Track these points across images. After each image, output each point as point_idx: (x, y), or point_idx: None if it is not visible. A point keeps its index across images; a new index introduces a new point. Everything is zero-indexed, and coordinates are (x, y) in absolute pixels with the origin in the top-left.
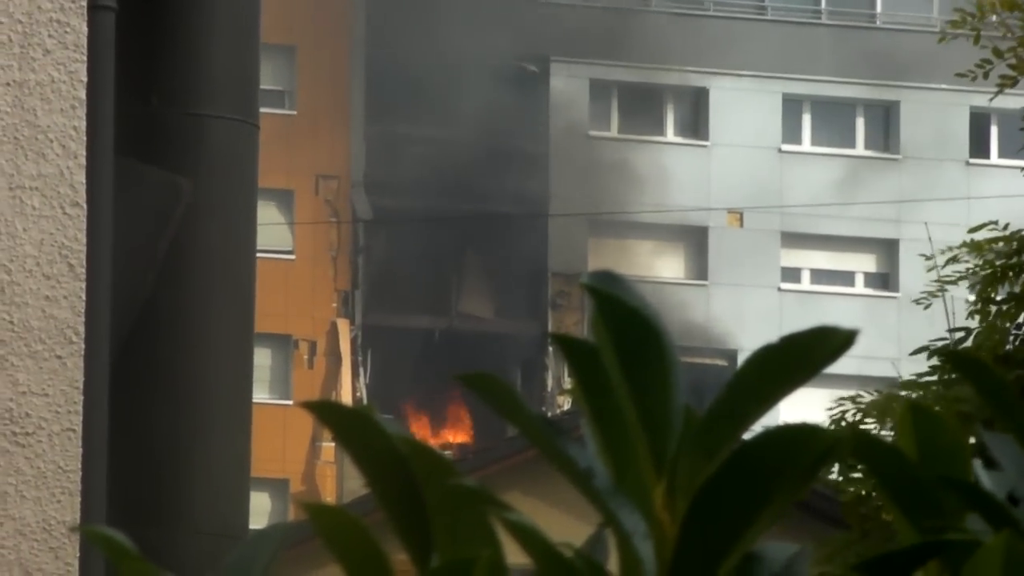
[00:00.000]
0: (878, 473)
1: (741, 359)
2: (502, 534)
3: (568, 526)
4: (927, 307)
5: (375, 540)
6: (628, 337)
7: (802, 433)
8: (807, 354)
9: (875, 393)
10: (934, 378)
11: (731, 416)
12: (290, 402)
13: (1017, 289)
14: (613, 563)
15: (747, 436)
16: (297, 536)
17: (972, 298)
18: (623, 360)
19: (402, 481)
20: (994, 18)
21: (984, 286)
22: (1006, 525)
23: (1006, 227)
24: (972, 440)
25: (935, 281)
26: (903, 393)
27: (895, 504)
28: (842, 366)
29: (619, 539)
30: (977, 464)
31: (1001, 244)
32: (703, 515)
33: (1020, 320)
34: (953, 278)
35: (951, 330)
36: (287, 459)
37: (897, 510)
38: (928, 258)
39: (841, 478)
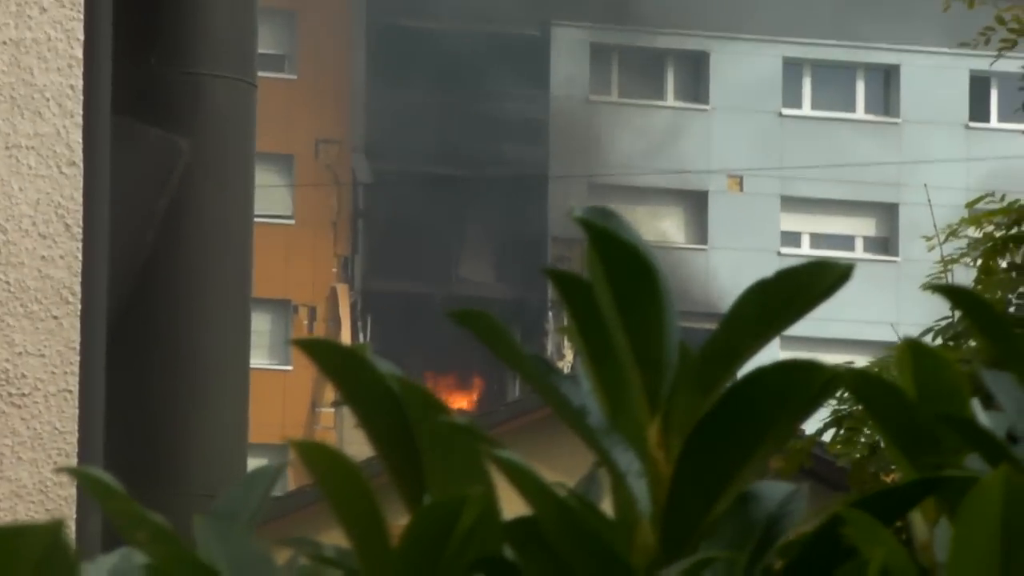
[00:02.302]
0: (876, 411)
1: None
2: (496, 475)
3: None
4: (933, 291)
5: (363, 476)
6: (622, 272)
7: (799, 368)
8: (803, 288)
9: (870, 359)
10: (929, 342)
11: (726, 352)
12: (289, 367)
13: (1018, 260)
14: (607, 503)
15: (742, 372)
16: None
17: (971, 261)
18: (617, 296)
19: (394, 420)
20: None
21: (985, 259)
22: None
23: (1002, 198)
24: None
25: (937, 262)
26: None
27: (893, 443)
28: (842, 330)
29: (613, 478)
30: (976, 404)
31: (999, 216)
32: (698, 453)
33: (1021, 290)
34: (955, 256)
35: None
36: (286, 425)
37: (895, 449)
38: (928, 239)
39: (839, 445)
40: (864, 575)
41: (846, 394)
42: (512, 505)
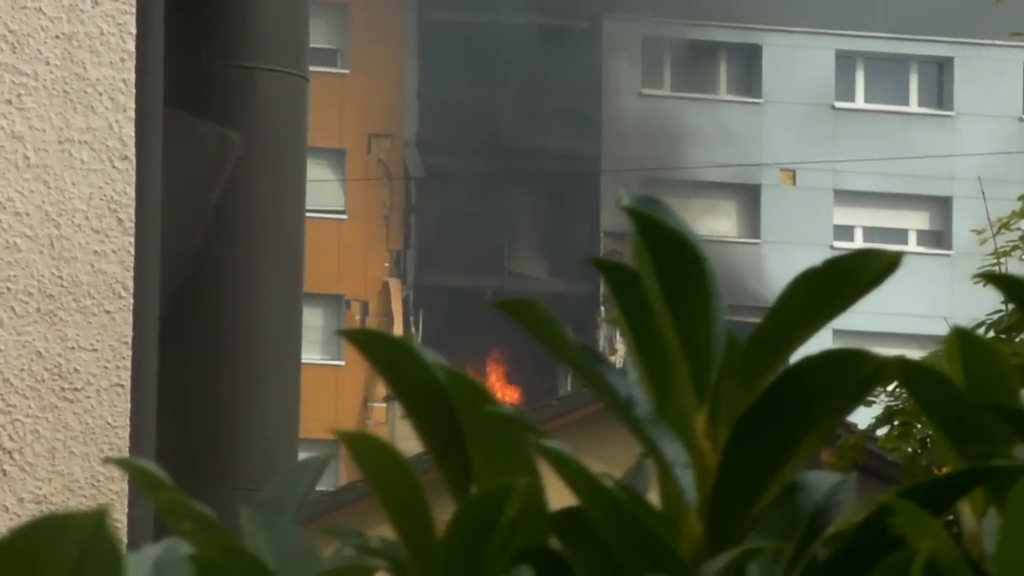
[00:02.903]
0: (924, 400)
1: None
2: (542, 466)
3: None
4: (985, 284)
5: (411, 467)
6: (670, 261)
7: (846, 357)
8: (851, 277)
9: (923, 353)
10: (984, 335)
11: (773, 342)
12: (342, 363)
13: None
14: (654, 494)
15: (790, 362)
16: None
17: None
18: (664, 285)
19: (441, 410)
20: None
21: None
22: None
23: None
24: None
25: (990, 255)
26: None
27: (942, 432)
28: (895, 324)
29: (660, 469)
30: None
31: None
32: (745, 443)
33: None
34: (1007, 248)
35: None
36: (338, 420)
37: (944, 439)
38: (979, 232)
39: (892, 440)
40: (911, 565)
41: (898, 389)
42: (558, 496)
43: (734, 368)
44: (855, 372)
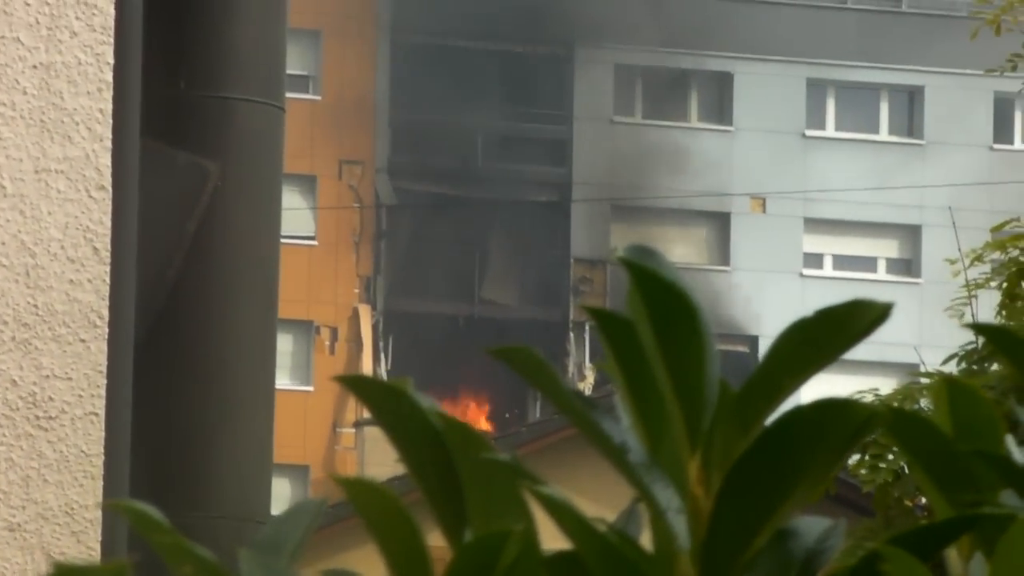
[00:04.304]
0: (912, 448)
1: (763, 345)
2: (535, 509)
3: (588, 513)
4: (961, 316)
5: (409, 513)
6: (664, 311)
7: (837, 407)
8: (842, 327)
9: (894, 382)
10: (954, 368)
11: (766, 390)
12: (311, 388)
13: None
14: (646, 538)
15: (781, 410)
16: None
17: (995, 286)
18: (658, 334)
19: (436, 455)
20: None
21: (1010, 283)
22: None
23: None
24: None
25: (963, 287)
26: (922, 381)
27: (929, 479)
28: (863, 352)
29: (653, 514)
30: (1010, 440)
31: None
32: (738, 490)
33: None
34: (981, 281)
35: (970, 326)
36: (307, 446)
37: (931, 485)
38: (953, 262)
39: (864, 470)
40: None
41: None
42: (548, 536)
43: (727, 416)
44: (847, 420)
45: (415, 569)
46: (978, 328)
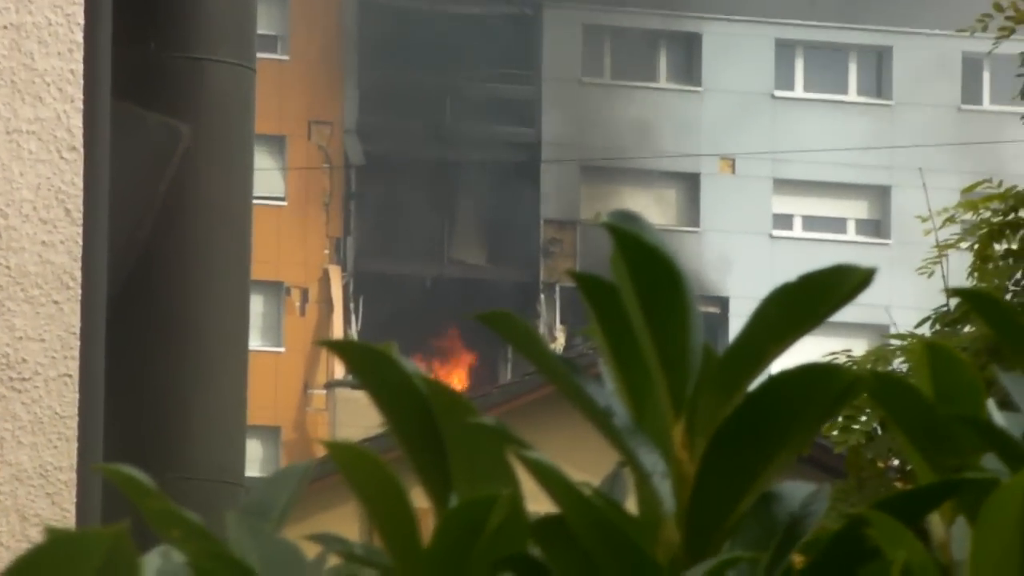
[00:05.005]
0: (895, 412)
1: (733, 306)
2: (520, 473)
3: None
4: (930, 275)
5: (397, 477)
6: (648, 276)
7: (821, 372)
8: (825, 292)
9: (866, 343)
10: (925, 329)
11: (749, 355)
12: (282, 349)
13: (1014, 246)
14: (631, 502)
15: (765, 375)
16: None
17: (966, 245)
18: (642, 299)
19: (421, 419)
20: None
21: (981, 244)
22: (1023, 464)
23: (1000, 184)
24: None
25: (934, 247)
26: (894, 343)
27: (912, 444)
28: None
29: (638, 478)
30: (991, 404)
31: (996, 201)
32: (722, 454)
33: (1017, 276)
34: (951, 241)
35: (948, 292)
36: (279, 407)
37: (913, 450)
38: (924, 219)
39: (836, 432)
40: (887, 575)
41: None
42: (533, 500)
43: (711, 381)
44: (829, 386)
45: (403, 532)
46: (956, 292)
